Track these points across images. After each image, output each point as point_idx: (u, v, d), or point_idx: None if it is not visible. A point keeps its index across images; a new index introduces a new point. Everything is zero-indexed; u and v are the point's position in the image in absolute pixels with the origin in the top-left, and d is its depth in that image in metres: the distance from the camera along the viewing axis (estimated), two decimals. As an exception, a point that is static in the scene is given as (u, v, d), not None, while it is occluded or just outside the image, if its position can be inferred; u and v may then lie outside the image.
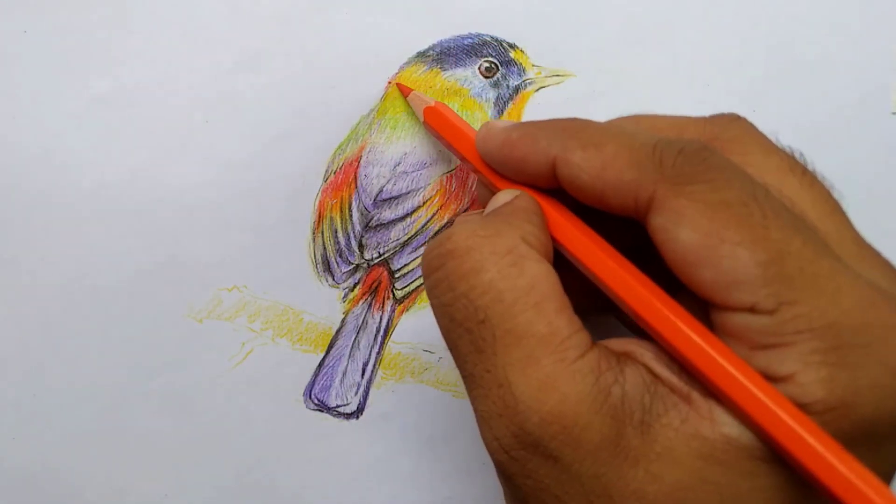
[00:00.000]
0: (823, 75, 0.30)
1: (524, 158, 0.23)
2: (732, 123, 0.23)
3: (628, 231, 0.22)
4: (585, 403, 0.19)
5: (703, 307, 0.20)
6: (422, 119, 0.28)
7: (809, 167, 0.22)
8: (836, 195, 0.21)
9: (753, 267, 0.18)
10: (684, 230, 0.19)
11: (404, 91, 0.29)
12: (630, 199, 0.20)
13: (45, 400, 0.30)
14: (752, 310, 0.19)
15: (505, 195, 0.23)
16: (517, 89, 0.30)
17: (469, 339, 0.20)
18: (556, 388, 0.19)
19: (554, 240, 0.23)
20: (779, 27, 0.30)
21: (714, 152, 0.21)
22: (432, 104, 0.28)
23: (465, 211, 0.30)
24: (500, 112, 0.30)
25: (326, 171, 0.30)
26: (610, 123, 0.23)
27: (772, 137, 0.22)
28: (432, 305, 0.22)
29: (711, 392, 0.19)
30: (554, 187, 0.23)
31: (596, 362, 0.19)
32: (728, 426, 0.19)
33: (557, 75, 0.30)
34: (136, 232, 0.30)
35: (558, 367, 0.19)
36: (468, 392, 0.21)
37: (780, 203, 0.20)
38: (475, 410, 0.21)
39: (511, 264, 0.20)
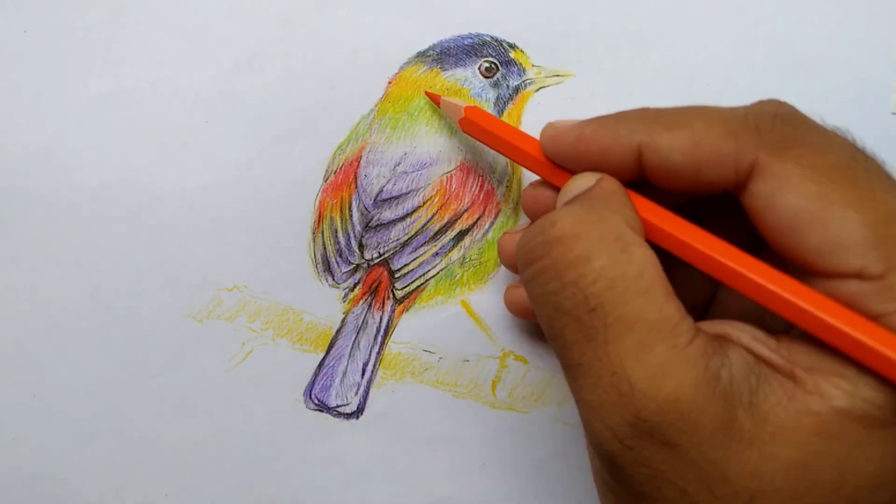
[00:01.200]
0: (823, 75, 0.30)
1: (605, 150, 0.22)
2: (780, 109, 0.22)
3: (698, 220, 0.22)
4: (700, 389, 0.19)
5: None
6: (456, 125, 0.28)
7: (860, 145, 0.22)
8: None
9: (862, 228, 0.18)
10: (790, 194, 0.19)
11: (434, 99, 0.29)
12: (729, 170, 0.20)
13: (45, 400, 0.30)
14: (859, 275, 0.18)
15: (585, 179, 0.23)
16: (517, 89, 0.30)
17: (577, 327, 0.20)
18: (671, 375, 0.19)
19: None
20: (779, 27, 0.30)
21: (806, 115, 0.21)
22: (463, 112, 0.27)
23: (465, 211, 0.30)
24: (500, 112, 0.30)
25: (326, 171, 0.30)
26: (681, 107, 0.22)
27: None
28: (533, 294, 0.21)
29: (840, 353, 0.19)
30: (630, 180, 0.23)
31: (704, 347, 0.19)
32: (837, 398, 0.18)
33: (557, 75, 0.30)
34: (136, 232, 0.30)
35: (671, 353, 0.19)
36: (572, 383, 0.20)
37: (877, 164, 0.20)
38: (581, 401, 0.20)
39: (620, 250, 0.20)
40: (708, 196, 0.22)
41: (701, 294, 0.25)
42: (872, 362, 0.18)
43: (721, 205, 0.23)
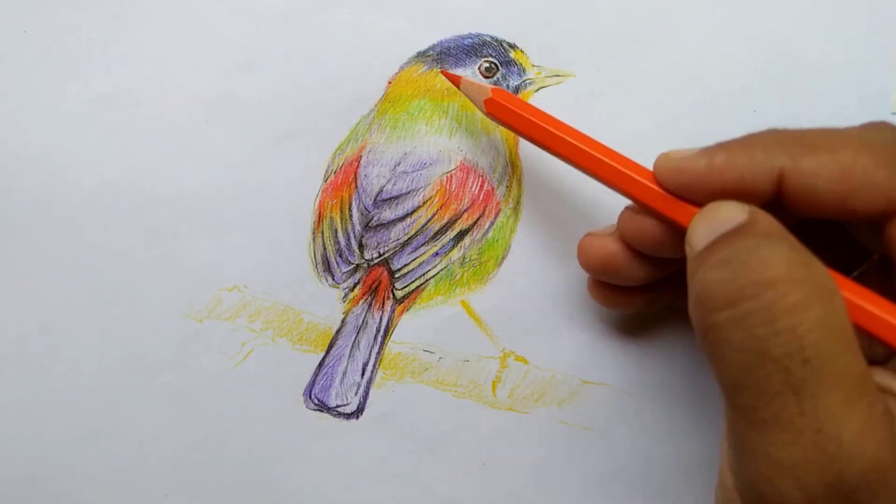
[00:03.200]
0: (823, 75, 0.30)
1: (741, 178, 0.21)
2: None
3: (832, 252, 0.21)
4: (892, 448, 0.18)
5: None
6: (481, 108, 0.27)
7: None
8: None
9: None
10: None
11: (453, 80, 0.28)
12: (880, 200, 0.20)
13: (45, 400, 0.30)
14: None
15: (732, 212, 0.21)
16: (517, 89, 0.30)
17: (784, 378, 0.18)
18: (872, 435, 0.18)
19: None
20: (779, 27, 0.30)
21: None
22: (490, 93, 0.26)
23: (465, 211, 0.30)
24: (500, 112, 0.30)
25: (326, 171, 0.30)
26: (820, 129, 0.22)
27: None
28: (727, 338, 0.19)
29: None
30: (764, 205, 0.21)
31: (884, 403, 0.18)
32: None
33: (557, 75, 0.30)
34: (136, 232, 0.30)
35: (870, 412, 0.18)
36: (760, 437, 0.19)
37: None
38: (767, 458, 0.18)
39: (830, 300, 0.18)
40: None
41: None
42: None
43: (813, 226, 0.22)
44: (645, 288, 0.27)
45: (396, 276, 0.30)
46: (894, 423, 0.18)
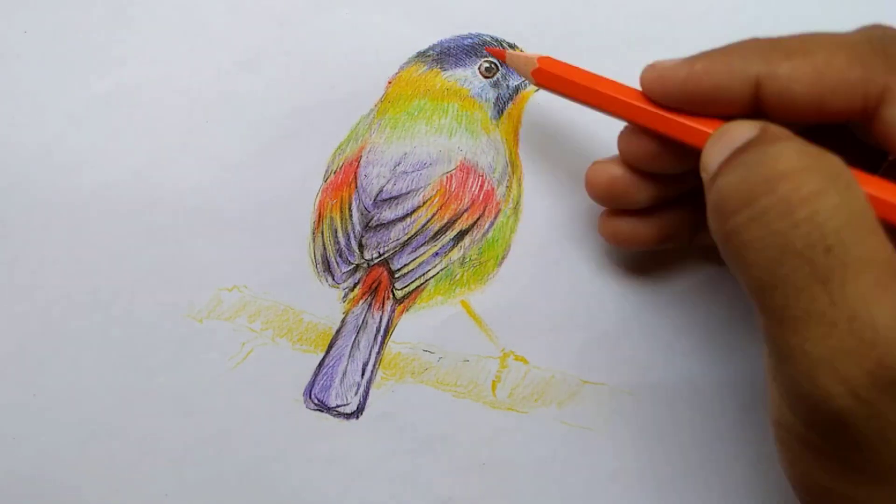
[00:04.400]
0: (823, 75, 0.30)
1: (719, 86, 0.21)
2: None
3: None
4: None
5: None
6: (529, 79, 0.27)
7: None
8: None
9: None
10: None
11: (498, 54, 0.28)
12: (857, 98, 0.20)
13: (45, 400, 0.30)
14: None
15: (744, 128, 0.21)
16: (517, 89, 0.30)
17: (809, 270, 0.18)
18: None
19: None
20: (779, 27, 0.30)
21: None
22: (537, 62, 0.26)
23: (465, 211, 0.30)
24: (500, 112, 0.30)
25: (326, 171, 0.30)
26: (796, 35, 0.22)
27: None
28: (749, 238, 0.19)
29: None
30: (743, 115, 0.21)
31: None
32: None
33: (557, 75, 0.30)
34: (136, 232, 0.30)
35: None
36: (794, 335, 0.18)
37: None
38: (803, 356, 0.18)
39: (847, 187, 0.18)
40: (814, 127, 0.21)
41: None
42: None
43: (820, 133, 0.22)
44: (653, 217, 0.27)
45: (396, 275, 0.30)
46: None
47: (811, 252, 0.18)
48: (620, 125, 0.26)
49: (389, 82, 0.30)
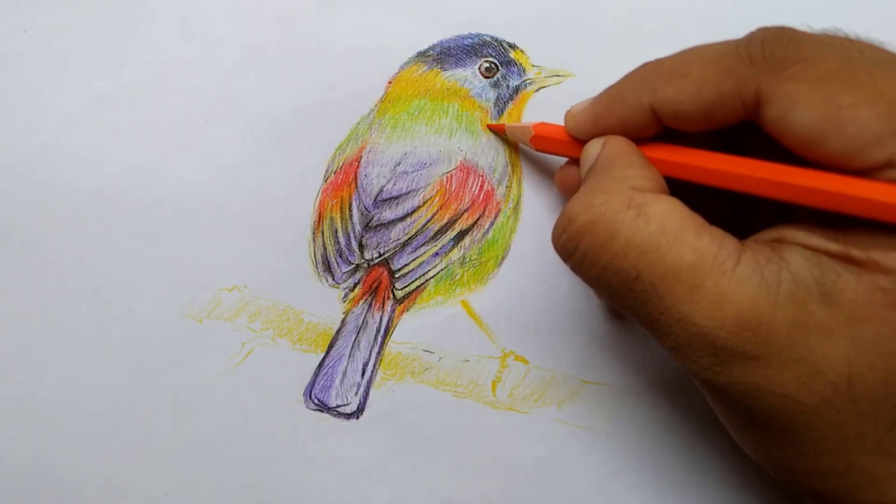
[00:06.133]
0: (823, 75, 0.30)
1: (622, 120, 0.24)
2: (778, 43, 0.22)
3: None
4: (761, 301, 0.19)
5: None
6: (529, 146, 0.28)
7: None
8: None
9: (878, 122, 0.19)
10: (800, 112, 0.20)
11: (498, 129, 0.30)
12: (737, 105, 0.21)
13: (45, 400, 0.30)
14: (890, 164, 0.19)
15: (593, 146, 0.24)
16: (517, 89, 0.30)
17: (631, 296, 0.21)
18: (728, 302, 0.20)
19: (664, 167, 0.23)
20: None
21: (793, 29, 0.21)
22: (532, 130, 0.28)
23: (465, 211, 0.30)
24: (501, 112, 0.30)
25: (326, 171, 0.30)
26: (675, 54, 0.23)
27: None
28: (584, 280, 0.22)
29: (890, 226, 0.19)
30: (656, 133, 0.24)
31: (754, 261, 0.20)
32: None
33: (557, 75, 0.30)
34: (136, 232, 0.30)
35: (721, 282, 0.20)
36: (652, 335, 0.22)
37: (874, 51, 0.20)
38: (667, 350, 0.21)
39: (636, 216, 0.21)
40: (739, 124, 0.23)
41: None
42: None
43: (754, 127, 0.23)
44: None
45: (396, 276, 0.30)
46: (765, 275, 0.20)
47: (626, 285, 0.21)
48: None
49: (389, 82, 0.30)
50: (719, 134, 0.24)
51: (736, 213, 0.25)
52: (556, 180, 0.28)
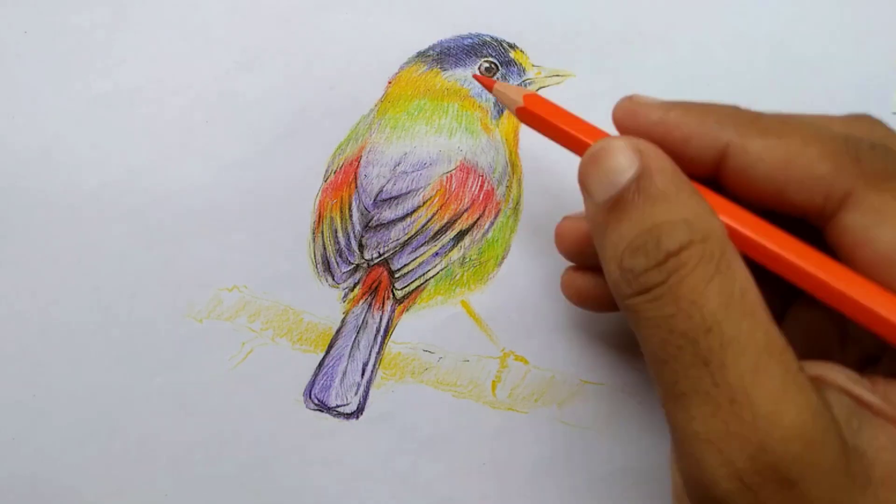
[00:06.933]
0: (823, 75, 0.30)
1: (687, 140, 0.21)
2: (874, 128, 0.21)
3: None
4: (819, 417, 0.17)
5: None
6: (513, 112, 0.26)
7: None
8: None
9: None
10: (888, 228, 0.18)
11: (486, 84, 0.27)
12: (819, 194, 0.19)
13: (45, 400, 0.30)
14: None
15: (621, 160, 0.20)
16: (517, 89, 0.30)
17: (693, 350, 0.18)
18: (791, 400, 0.17)
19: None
20: (779, 27, 0.30)
21: None
22: (522, 100, 0.25)
23: (465, 211, 0.30)
24: (501, 112, 0.30)
25: (326, 171, 0.30)
26: (779, 114, 0.21)
27: None
28: (642, 319, 0.19)
29: None
30: (700, 176, 0.21)
31: (809, 379, 0.18)
32: None
33: (557, 75, 0.30)
34: (136, 232, 0.30)
35: (787, 378, 0.17)
36: (681, 414, 0.19)
37: None
38: (691, 436, 0.18)
39: (727, 267, 0.18)
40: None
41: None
42: None
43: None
44: None
45: (396, 275, 0.30)
46: (819, 394, 0.18)
47: (694, 333, 0.18)
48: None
49: (389, 82, 0.30)
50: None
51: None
52: (564, 286, 0.26)
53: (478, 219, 0.30)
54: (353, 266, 0.30)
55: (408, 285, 0.30)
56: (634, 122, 0.22)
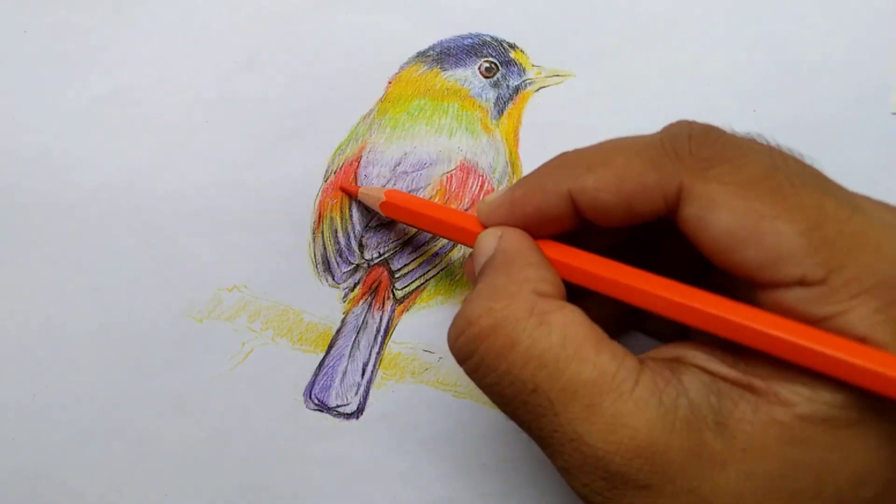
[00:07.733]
0: (823, 75, 0.30)
1: (539, 208, 0.22)
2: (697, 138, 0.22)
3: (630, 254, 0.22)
4: (658, 428, 0.19)
5: (736, 294, 0.20)
6: (377, 210, 0.28)
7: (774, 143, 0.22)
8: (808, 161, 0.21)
9: (796, 238, 0.18)
10: (720, 214, 0.19)
11: (351, 191, 0.29)
12: (658, 199, 0.20)
13: (45, 400, 0.30)
14: (801, 283, 0.18)
15: (488, 239, 0.23)
16: (517, 89, 0.30)
17: (526, 409, 0.20)
18: (625, 425, 0.19)
19: (562, 269, 0.22)
20: (779, 27, 0.30)
21: (719, 129, 0.21)
22: (384, 199, 0.27)
23: (464, 211, 0.30)
24: (501, 112, 0.30)
25: (326, 171, 0.30)
26: (598, 144, 0.23)
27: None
28: (478, 386, 0.21)
29: (794, 364, 0.19)
30: (573, 227, 0.23)
31: (652, 383, 0.19)
32: (799, 405, 0.18)
33: (557, 75, 0.30)
34: (136, 232, 0.30)
35: (619, 404, 0.19)
36: (543, 450, 0.21)
37: (799, 163, 0.20)
38: (556, 466, 0.21)
39: (538, 325, 0.20)
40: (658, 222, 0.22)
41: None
42: (824, 367, 0.18)
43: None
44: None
45: (396, 276, 0.30)
46: (663, 400, 0.19)
47: (522, 396, 0.20)
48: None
49: (389, 82, 0.30)
50: (637, 236, 0.24)
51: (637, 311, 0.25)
52: (466, 270, 0.28)
53: (478, 219, 0.30)
54: (353, 266, 0.30)
55: (408, 285, 0.30)
56: (496, 217, 0.24)
